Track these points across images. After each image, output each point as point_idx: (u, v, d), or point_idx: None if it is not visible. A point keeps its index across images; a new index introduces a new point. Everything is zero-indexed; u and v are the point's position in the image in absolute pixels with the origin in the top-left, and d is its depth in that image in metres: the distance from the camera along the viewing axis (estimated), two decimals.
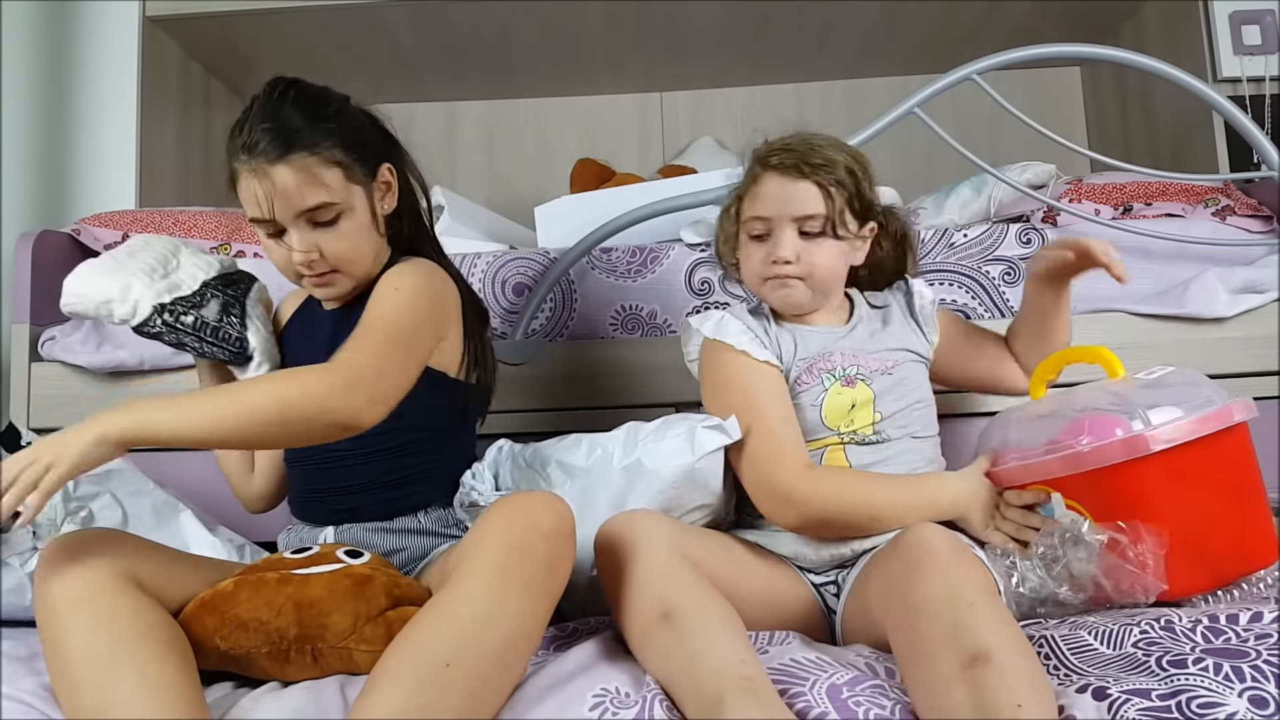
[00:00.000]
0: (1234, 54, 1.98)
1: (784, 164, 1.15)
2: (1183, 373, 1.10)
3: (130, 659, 0.81)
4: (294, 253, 1.06)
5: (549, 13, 2.19)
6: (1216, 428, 1.02)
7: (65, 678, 0.82)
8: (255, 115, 1.05)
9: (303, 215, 1.05)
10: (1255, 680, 0.75)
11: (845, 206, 1.15)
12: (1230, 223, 1.64)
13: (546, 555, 0.87)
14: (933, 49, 2.41)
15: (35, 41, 2.04)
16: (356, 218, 1.09)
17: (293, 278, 1.11)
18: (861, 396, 1.14)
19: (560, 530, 0.89)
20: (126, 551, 0.89)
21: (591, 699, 0.80)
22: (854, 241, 1.19)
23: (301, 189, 1.04)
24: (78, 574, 0.85)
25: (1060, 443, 1.05)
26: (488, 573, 0.84)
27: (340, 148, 1.07)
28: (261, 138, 1.03)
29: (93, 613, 0.83)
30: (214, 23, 2.16)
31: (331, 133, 1.07)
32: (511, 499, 0.92)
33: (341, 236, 1.07)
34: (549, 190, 2.15)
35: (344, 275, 1.09)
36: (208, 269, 1.18)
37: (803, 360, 1.17)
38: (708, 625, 0.86)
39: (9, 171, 1.92)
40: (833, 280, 1.19)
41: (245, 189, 1.05)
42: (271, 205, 1.03)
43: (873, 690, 0.80)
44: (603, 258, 1.65)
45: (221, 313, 1.16)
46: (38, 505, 0.81)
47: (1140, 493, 1.00)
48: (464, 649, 0.80)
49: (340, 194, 1.07)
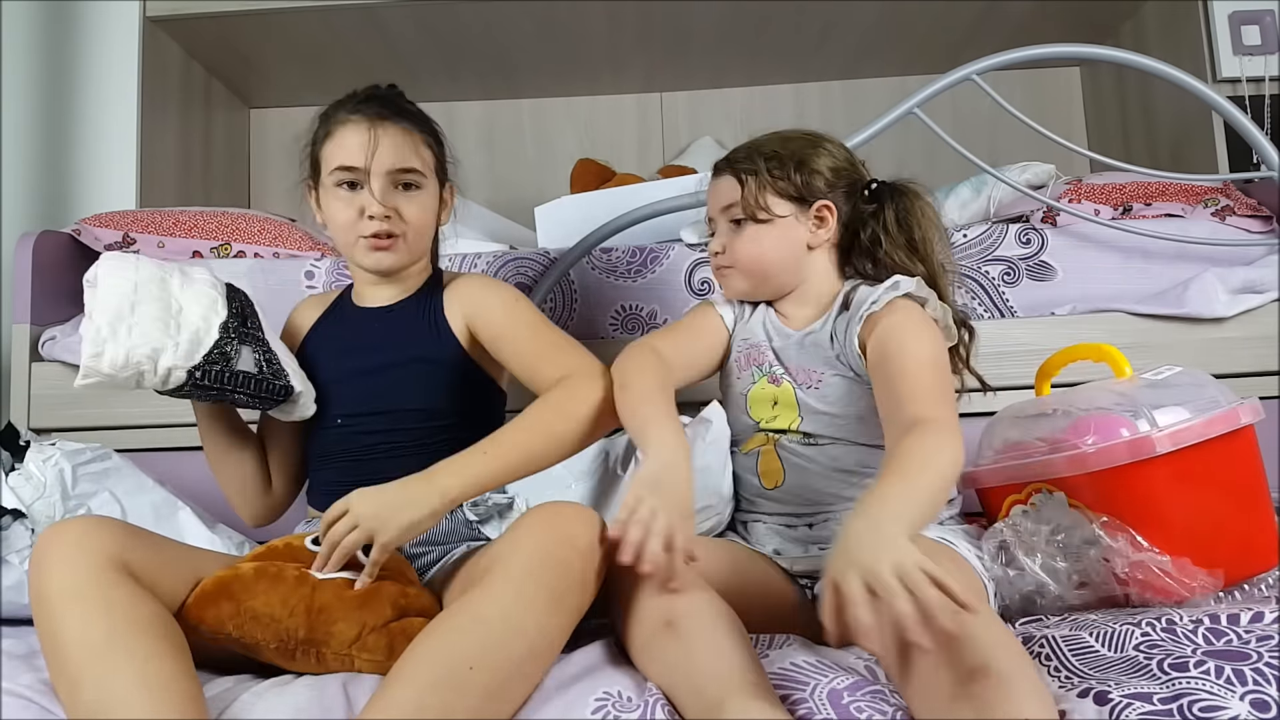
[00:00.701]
0: (1234, 54, 1.98)
1: (716, 164, 1.21)
2: (1190, 373, 1.10)
3: (128, 654, 0.80)
4: (372, 205, 1.11)
5: (549, 13, 2.19)
6: (1223, 430, 1.02)
7: (62, 671, 0.82)
8: (369, 90, 1.18)
9: (394, 173, 1.13)
10: (1257, 683, 0.75)
11: (764, 189, 1.14)
12: (1230, 223, 1.65)
13: (580, 570, 0.86)
14: (932, 49, 2.41)
15: (36, 41, 2.04)
16: (431, 200, 1.18)
17: (349, 237, 1.14)
18: (784, 397, 1.14)
19: (593, 546, 0.88)
20: (120, 540, 0.88)
21: (594, 702, 0.80)
22: (789, 223, 1.14)
23: (404, 149, 1.14)
24: (71, 563, 0.84)
25: (1065, 442, 1.05)
26: (520, 580, 0.83)
27: (436, 143, 1.20)
28: (383, 100, 1.15)
29: (87, 605, 0.82)
30: (215, 23, 2.16)
31: (433, 130, 1.21)
32: (549, 509, 0.91)
33: (419, 207, 1.15)
34: (549, 190, 2.15)
35: (404, 244, 1.15)
36: (213, 305, 1.11)
37: (745, 341, 1.20)
38: (710, 632, 0.85)
39: (9, 171, 1.92)
40: (768, 265, 1.16)
41: (343, 138, 1.13)
42: (372, 155, 1.11)
43: (873, 696, 0.80)
44: (603, 258, 1.65)
45: (256, 359, 1.10)
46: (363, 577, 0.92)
47: (1145, 494, 1.00)
48: (488, 653, 0.79)
49: (427, 172, 1.17)
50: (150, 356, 1.03)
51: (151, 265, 1.10)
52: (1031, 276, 1.62)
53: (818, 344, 1.13)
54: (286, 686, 0.88)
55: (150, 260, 1.11)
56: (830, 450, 1.11)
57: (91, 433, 1.57)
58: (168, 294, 1.08)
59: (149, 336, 1.03)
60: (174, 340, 1.04)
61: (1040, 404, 1.14)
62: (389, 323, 1.18)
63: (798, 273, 1.17)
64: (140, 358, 1.02)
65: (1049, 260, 1.62)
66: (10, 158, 1.93)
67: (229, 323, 1.09)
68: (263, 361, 1.10)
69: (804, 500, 1.12)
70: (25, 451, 1.30)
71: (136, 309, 1.04)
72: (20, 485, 1.27)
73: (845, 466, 1.11)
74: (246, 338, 1.10)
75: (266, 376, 1.09)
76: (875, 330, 1.06)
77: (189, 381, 1.05)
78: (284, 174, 2.65)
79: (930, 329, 1.06)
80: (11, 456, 1.30)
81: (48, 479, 1.28)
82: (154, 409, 1.07)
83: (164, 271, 1.10)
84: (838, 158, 1.17)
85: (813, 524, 1.12)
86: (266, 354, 1.11)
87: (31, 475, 1.28)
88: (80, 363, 1.02)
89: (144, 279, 1.07)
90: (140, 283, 1.07)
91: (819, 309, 1.17)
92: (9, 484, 1.27)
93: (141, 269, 1.09)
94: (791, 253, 1.16)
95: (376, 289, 1.21)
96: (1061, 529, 1.02)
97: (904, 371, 1.00)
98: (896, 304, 1.07)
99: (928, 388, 0.98)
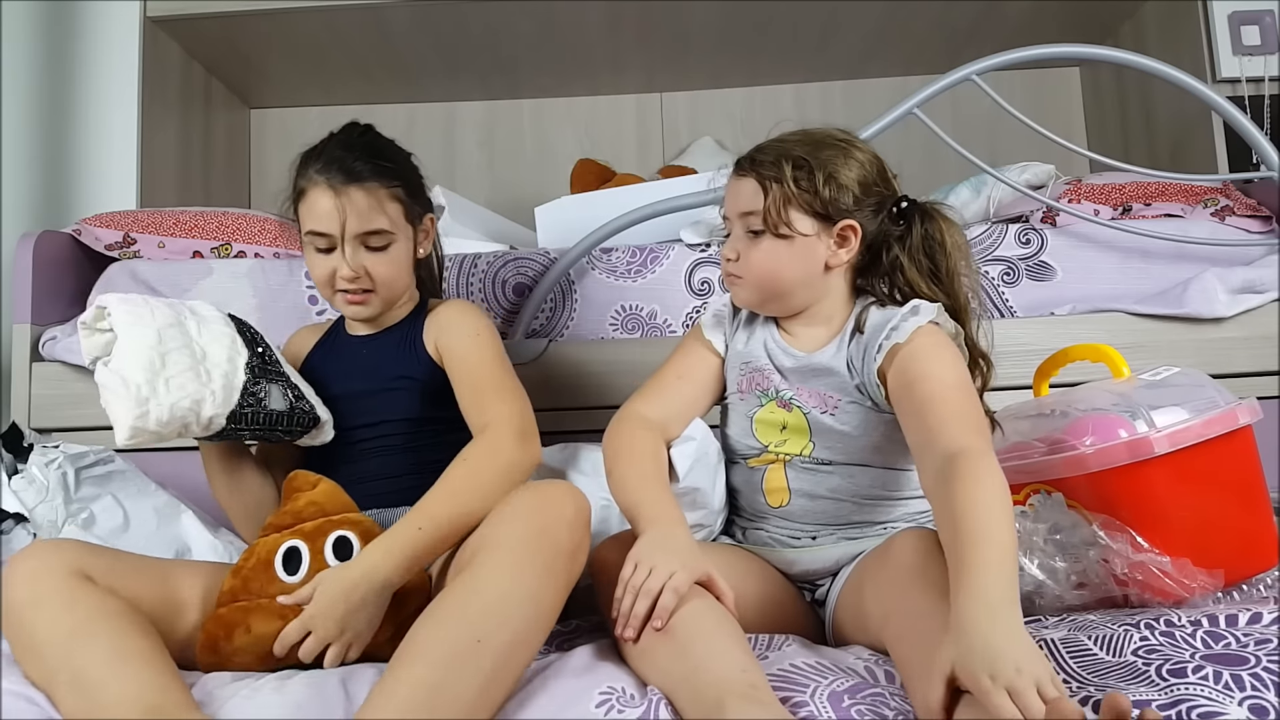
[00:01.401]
0: (1233, 54, 1.98)
1: (739, 160, 1.13)
2: (1188, 374, 1.10)
3: (97, 634, 0.84)
4: (343, 267, 1.16)
5: (549, 13, 2.19)
6: (1222, 431, 1.02)
7: (39, 667, 0.85)
8: (336, 143, 1.19)
9: (361, 236, 1.16)
10: (1255, 689, 0.75)
11: (789, 203, 1.06)
12: (1229, 223, 1.65)
13: (569, 542, 0.91)
14: (932, 49, 2.41)
15: (36, 42, 2.04)
16: (402, 251, 1.21)
17: (327, 292, 1.20)
18: (795, 422, 1.10)
19: (579, 518, 0.93)
20: (79, 554, 0.92)
21: (598, 696, 0.81)
22: (810, 242, 1.07)
23: (369, 212, 1.16)
24: (31, 576, 0.88)
25: (1063, 442, 1.05)
26: (515, 554, 0.88)
27: (403, 188, 1.20)
28: (343, 161, 1.16)
29: (52, 606, 0.86)
30: (215, 23, 2.16)
31: (398, 174, 1.20)
32: (537, 486, 0.96)
33: (388, 263, 1.19)
34: (549, 190, 2.15)
35: (378, 297, 1.20)
36: (234, 344, 1.11)
37: (746, 364, 1.14)
38: (707, 635, 0.85)
39: (9, 171, 1.92)
40: (782, 283, 1.09)
41: (314, 203, 1.16)
42: (341, 222, 1.14)
43: (874, 698, 0.80)
44: (603, 258, 1.65)
45: (284, 394, 1.12)
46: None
47: (1143, 495, 1.00)
48: (492, 626, 0.82)
49: (396, 226, 1.19)
50: (192, 409, 1.03)
51: (164, 308, 1.08)
52: (1031, 276, 1.62)
53: (832, 371, 1.08)
54: (285, 683, 0.88)
55: (158, 301, 1.09)
56: (843, 473, 1.08)
57: (91, 433, 1.57)
58: (189, 339, 1.07)
59: (187, 388, 1.02)
60: (210, 389, 1.04)
61: (1038, 405, 1.14)
62: (374, 349, 1.24)
63: (812, 293, 1.10)
64: (183, 411, 1.02)
65: (1049, 260, 1.62)
66: (10, 158, 1.93)
67: (252, 362, 1.10)
68: (291, 396, 1.12)
69: (810, 521, 1.10)
70: (29, 454, 1.30)
71: (168, 361, 1.03)
72: (23, 488, 1.27)
73: (856, 491, 1.08)
74: (271, 374, 1.11)
75: (298, 411, 1.12)
76: (895, 360, 1.02)
77: (228, 427, 1.07)
78: (284, 174, 2.64)
79: (951, 350, 1.03)
80: (15, 459, 1.30)
81: (50, 482, 1.28)
82: None
83: (178, 314, 1.09)
84: (868, 170, 1.09)
85: (816, 536, 1.10)
86: (292, 388, 1.13)
87: (34, 478, 1.28)
88: (123, 422, 0.99)
89: (163, 324, 1.05)
90: (162, 330, 1.05)
91: (830, 331, 1.11)
92: (11, 487, 1.27)
93: (158, 314, 1.06)
94: (808, 272, 1.09)
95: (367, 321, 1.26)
96: (1059, 529, 1.02)
97: (931, 398, 0.96)
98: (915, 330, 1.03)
99: (956, 414, 0.94)
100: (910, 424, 0.98)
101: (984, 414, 0.99)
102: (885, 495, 1.09)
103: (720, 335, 1.18)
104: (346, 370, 1.24)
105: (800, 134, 1.12)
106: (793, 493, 1.09)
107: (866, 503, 1.08)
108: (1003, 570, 0.79)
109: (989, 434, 0.96)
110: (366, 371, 1.22)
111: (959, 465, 0.87)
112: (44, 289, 1.66)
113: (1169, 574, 0.97)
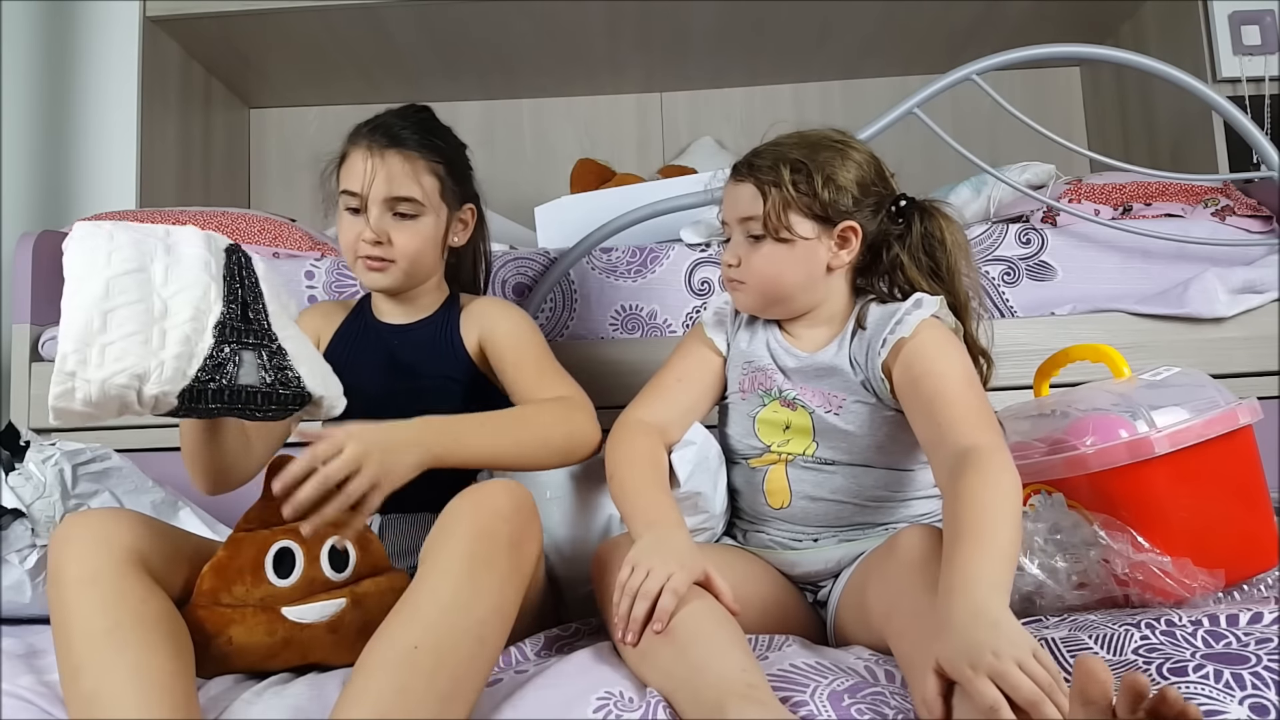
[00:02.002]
0: (1233, 54, 1.98)
1: (736, 165, 1.12)
2: (1188, 373, 1.10)
3: (127, 647, 0.81)
4: (365, 230, 1.15)
5: (549, 13, 2.19)
6: (1222, 431, 1.02)
7: (67, 658, 0.83)
8: (391, 114, 1.20)
9: (390, 200, 1.16)
10: (1256, 687, 0.75)
11: (788, 207, 1.05)
12: (1230, 223, 1.65)
13: (507, 533, 0.88)
14: (932, 49, 2.41)
15: (35, 41, 2.04)
16: (430, 227, 1.19)
17: (350, 257, 1.19)
18: (799, 422, 1.09)
19: (518, 508, 0.91)
20: (138, 533, 0.88)
21: (596, 700, 0.80)
22: (811, 245, 1.07)
23: (402, 178, 1.16)
24: (90, 553, 0.85)
25: (1063, 443, 1.05)
26: (454, 557, 0.86)
27: (445, 167, 1.20)
28: (389, 128, 1.17)
29: (99, 593, 0.83)
30: (214, 23, 2.16)
31: (444, 152, 1.20)
32: (472, 489, 0.93)
33: (413, 234, 1.17)
34: (549, 190, 2.15)
35: (397, 268, 1.17)
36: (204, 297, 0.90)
37: (749, 364, 1.14)
38: (707, 636, 0.85)
39: (9, 171, 1.92)
40: (785, 287, 1.09)
41: (353, 164, 1.17)
42: (369, 184, 1.14)
43: (874, 697, 0.79)
44: (603, 258, 1.65)
45: (260, 367, 0.90)
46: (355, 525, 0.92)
47: (1144, 495, 1.00)
48: (437, 632, 0.81)
49: (428, 200, 1.18)
50: (130, 386, 0.83)
51: (128, 249, 0.88)
52: (1031, 276, 1.62)
53: (836, 370, 1.08)
54: (285, 686, 0.88)
55: (129, 235, 0.89)
56: (846, 473, 1.07)
57: (91, 433, 1.57)
58: (149, 290, 0.87)
59: (126, 359, 0.83)
60: (158, 359, 0.84)
61: (1039, 405, 1.14)
62: (407, 342, 1.22)
63: (814, 295, 1.10)
64: (118, 389, 0.82)
65: (1049, 260, 1.62)
66: (10, 158, 1.93)
67: (226, 322, 0.89)
68: (270, 368, 0.91)
69: (811, 523, 1.09)
70: (25, 451, 1.30)
71: (110, 322, 0.83)
72: (20, 485, 1.27)
73: (859, 492, 1.07)
74: (248, 338, 0.91)
75: (275, 389, 0.91)
76: (900, 354, 1.02)
77: (184, 405, 0.86)
78: (284, 174, 2.67)
79: (956, 344, 1.03)
80: (11, 456, 1.30)
81: (47, 479, 1.28)
82: None
83: (145, 256, 0.88)
84: (866, 170, 1.09)
85: (818, 538, 1.09)
86: (274, 358, 0.92)
87: (31, 475, 1.28)
88: (49, 398, 0.82)
89: (118, 271, 0.86)
90: (113, 281, 0.85)
91: (831, 330, 1.11)
92: (9, 484, 1.27)
93: (115, 259, 0.86)
94: (810, 275, 1.08)
95: (394, 305, 1.25)
96: (1060, 529, 1.02)
97: (939, 395, 0.96)
98: (919, 324, 1.03)
99: (967, 410, 0.95)
100: (920, 421, 0.98)
101: (990, 405, 0.99)
102: (888, 496, 1.08)
103: (722, 335, 1.18)
104: (379, 363, 1.21)
105: (796, 136, 1.11)
106: (794, 494, 1.09)
107: (869, 504, 1.08)
108: (994, 566, 0.79)
109: (999, 428, 0.96)
110: (403, 368, 1.19)
111: (969, 463, 0.88)
112: (44, 289, 1.66)
113: (1170, 574, 0.97)
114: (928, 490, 1.10)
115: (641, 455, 1.07)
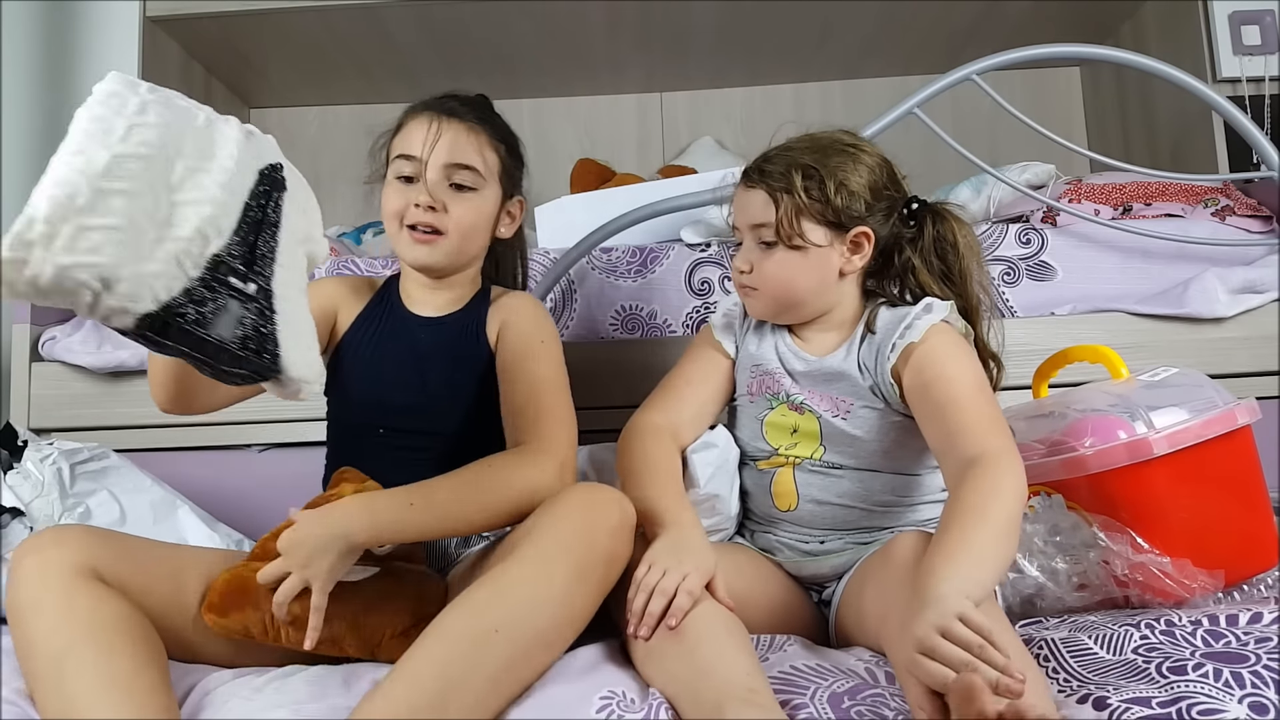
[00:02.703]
0: (1233, 54, 1.98)
1: (747, 170, 1.12)
2: (1187, 374, 1.10)
3: (86, 658, 0.82)
4: (421, 195, 1.10)
5: (549, 13, 2.18)
6: (1221, 431, 1.02)
7: (34, 680, 0.84)
8: (452, 94, 1.18)
9: (450, 168, 1.12)
10: (1255, 686, 0.75)
11: (801, 214, 1.05)
12: (1230, 223, 1.65)
13: (607, 548, 0.90)
14: (932, 49, 2.41)
15: (35, 42, 2.04)
16: (488, 204, 1.16)
17: (394, 226, 1.14)
18: (807, 426, 1.09)
19: (623, 526, 0.92)
20: (85, 545, 0.89)
21: (599, 700, 0.81)
22: (824, 252, 1.06)
23: (464, 145, 1.12)
24: (35, 573, 0.86)
25: (1062, 444, 1.05)
26: (548, 554, 0.87)
27: (505, 149, 1.18)
28: (453, 102, 1.15)
29: (50, 611, 0.84)
30: (215, 23, 2.16)
31: (505, 138, 1.19)
32: (583, 489, 0.95)
33: (469, 208, 1.13)
34: (549, 190, 2.14)
35: (448, 243, 1.13)
36: (215, 219, 0.74)
37: (757, 367, 1.14)
38: (716, 639, 0.86)
39: (9, 171, 1.92)
40: (797, 293, 1.08)
41: (412, 130, 1.13)
42: (431, 146, 1.11)
43: (874, 699, 0.80)
44: (603, 258, 1.65)
45: (239, 323, 0.75)
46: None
47: (1143, 496, 1.00)
48: (514, 619, 0.82)
49: (488, 175, 1.15)
50: (88, 284, 0.67)
51: (154, 129, 0.73)
52: (1031, 276, 1.62)
53: (845, 374, 1.08)
54: (286, 680, 0.89)
55: (161, 114, 0.75)
56: (853, 477, 1.08)
57: (91, 433, 1.57)
58: (161, 187, 0.72)
59: (99, 255, 0.68)
60: (133, 269, 0.69)
61: (1038, 406, 1.14)
62: (434, 337, 1.16)
63: (826, 300, 1.10)
64: (74, 284, 0.67)
65: (1049, 260, 1.62)
66: (10, 158, 1.93)
67: (227, 255, 0.75)
68: (248, 330, 0.76)
69: (818, 526, 1.09)
70: (23, 451, 1.30)
71: (99, 204, 0.68)
72: (19, 484, 1.27)
73: (866, 496, 1.08)
74: (239, 283, 0.76)
75: (246, 352, 0.76)
76: (910, 359, 1.02)
77: (136, 330, 0.71)
78: None
79: (966, 349, 1.04)
80: (10, 456, 1.30)
81: (46, 477, 1.28)
82: (153, 409, 1.04)
83: (167, 145, 0.74)
84: (878, 174, 1.08)
85: (825, 541, 1.09)
86: (260, 318, 0.77)
87: (30, 474, 1.28)
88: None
89: (131, 151, 0.71)
90: (121, 159, 0.70)
91: (841, 334, 1.11)
92: (8, 483, 1.27)
93: (135, 135, 0.72)
94: (823, 281, 1.08)
95: (427, 293, 1.19)
96: (1059, 530, 1.02)
97: (949, 400, 0.97)
98: (929, 329, 1.03)
99: (978, 416, 0.95)
100: (930, 427, 0.99)
101: (1000, 411, 0.99)
102: (896, 501, 1.08)
103: (731, 338, 1.18)
104: (399, 356, 1.15)
105: (807, 140, 1.10)
106: (801, 497, 1.09)
107: (877, 508, 1.08)
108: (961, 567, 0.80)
109: (1009, 433, 0.96)
110: (423, 364, 1.14)
111: (976, 467, 0.89)
112: None
113: (1169, 575, 0.97)
114: (936, 495, 1.10)
115: (656, 456, 1.08)
